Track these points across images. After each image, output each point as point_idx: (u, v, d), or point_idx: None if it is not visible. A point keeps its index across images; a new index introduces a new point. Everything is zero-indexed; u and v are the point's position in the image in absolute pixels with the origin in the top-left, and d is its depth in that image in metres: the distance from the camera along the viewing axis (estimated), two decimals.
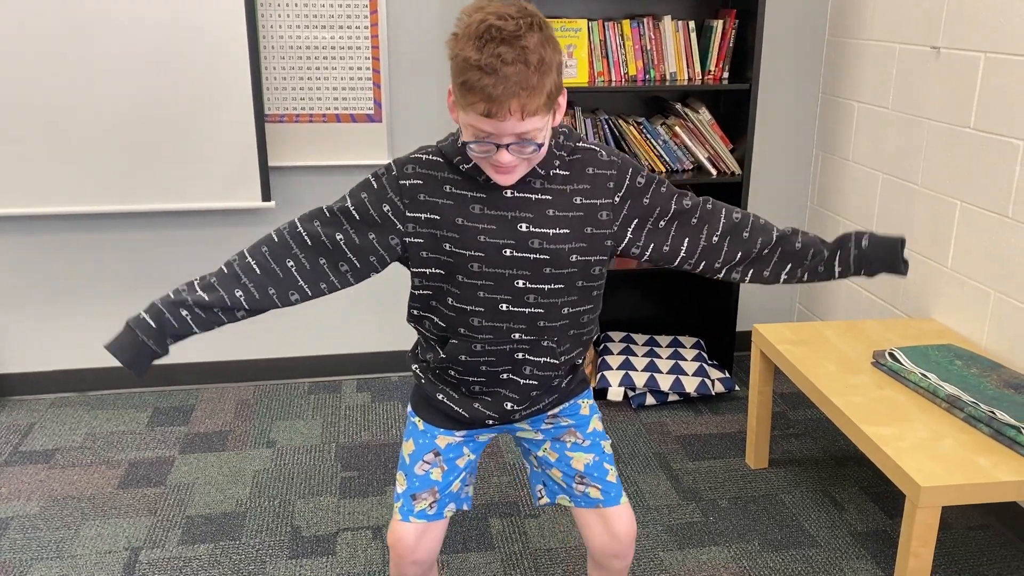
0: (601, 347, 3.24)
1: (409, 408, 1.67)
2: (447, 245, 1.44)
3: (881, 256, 1.55)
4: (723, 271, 1.56)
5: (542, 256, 1.44)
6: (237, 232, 3.05)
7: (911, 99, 2.71)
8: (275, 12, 2.86)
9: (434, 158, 1.46)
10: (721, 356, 3.24)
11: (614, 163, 1.49)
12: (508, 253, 1.43)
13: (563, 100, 1.39)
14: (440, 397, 1.59)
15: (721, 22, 2.94)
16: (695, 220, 1.53)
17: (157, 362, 3.29)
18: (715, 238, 1.53)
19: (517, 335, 1.49)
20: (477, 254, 1.43)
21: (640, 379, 3.03)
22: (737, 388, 3.17)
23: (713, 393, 3.06)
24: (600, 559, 1.70)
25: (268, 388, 3.22)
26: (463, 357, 1.51)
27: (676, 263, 1.55)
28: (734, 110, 3.06)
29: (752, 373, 2.62)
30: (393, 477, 2.62)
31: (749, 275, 1.57)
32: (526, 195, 1.43)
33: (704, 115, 3.05)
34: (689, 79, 3.00)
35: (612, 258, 1.54)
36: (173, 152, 2.86)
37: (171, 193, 2.91)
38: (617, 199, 1.48)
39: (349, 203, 1.47)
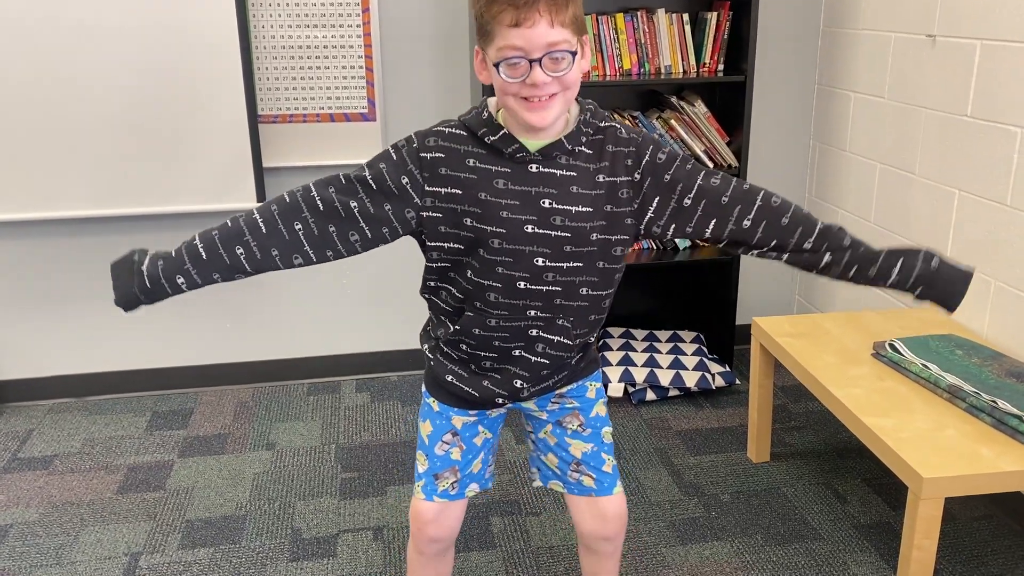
0: (600, 343, 3.23)
1: (423, 388, 1.66)
2: (468, 220, 1.41)
3: (945, 281, 1.46)
4: (755, 253, 1.50)
5: (563, 234, 1.42)
6: None
7: (907, 88, 2.70)
8: (266, 12, 2.85)
9: (457, 131, 1.44)
10: (721, 350, 3.23)
11: (633, 140, 1.46)
12: (530, 229, 1.41)
13: (587, 44, 1.40)
14: (449, 378, 1.57)
15: (715, 14, 2.93)
16: (726, 199, 1.46)
17: (156, 366, 3.27)
18: (747, 221, 1.47)
19: (533, 312, 1.47)
20: (499, 230, 1.41)
21: (640, 374, 3.02)
22: (738, 382, 3.15)
23: (713, 387, 3.05)
24: (589, 542, 1.71)
25: (267, 390, 3.21)
26: (476, 331, 1.49)
27: (705, 241, 1.51)
28: (730, 102, 3.04)
29: (752, 366, 2.60)
30: (394, 477, 2.61)
31: (785, 260, 1.50)
32: (552, 170, 1.41)
33: (700, 108, 3.04)
34: (684, 72, 2.98)
35: (634, 239, 1.51)
36: (167, 155, 2.85)
37: (165, 196, 2.89)
38: (637, 176, 1.45)
39: (367, 172, 1.44)
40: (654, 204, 1.47)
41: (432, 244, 1.47)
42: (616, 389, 3.01)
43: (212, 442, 2.83)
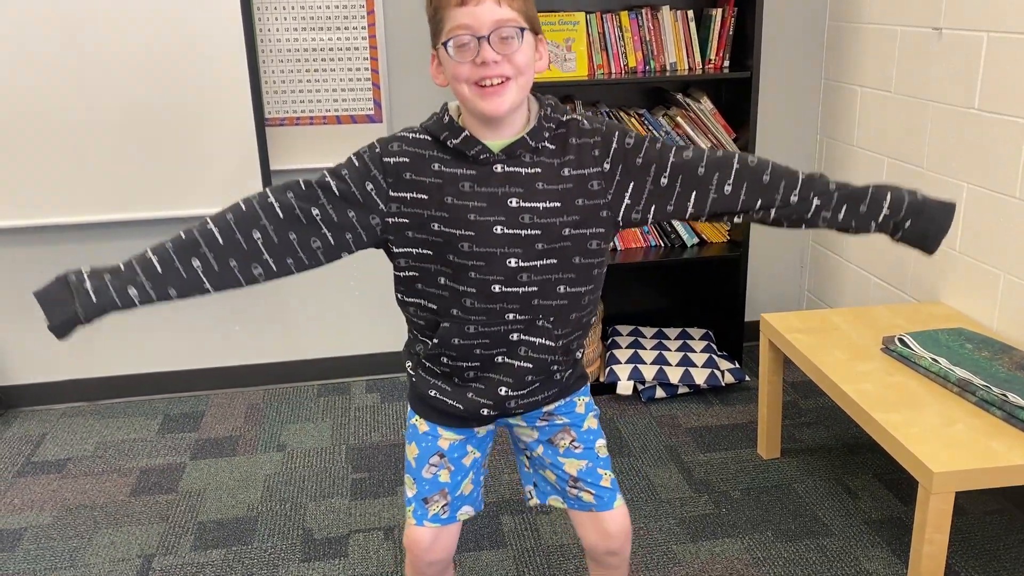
0: (609, 341, 3.23)
1: (409, 409, 1.64)
2: (436, 225, 1.39)
3: (932, 210, 1.45)
4: (742, 218, 1.47)
5: (533, 231, 1.39)
6: None
7: (914, 82, 2.69)
8: (272, 15, 2.86)
9: (421, 136, 1.43)
10: (730, 347, 3.23)
11: (598, 130, 1.44)
12: (499, 230, 1.39)
13: (544, 44, 1.40)
14: (433, 393, 1.54)
15: (720, 10, 2.92)
16: (702, 169, 1.43)
17: (167, 369, 3.28)
18: (727, 187, 1.43)
19: (511, 315, 1.44)
20: (468, 233, 1.39)
21: (649, 372, 3.02)
22: (747, 378, 3.15)
23: (723, 384, 3.05)
24: (596, 556, 1.68)
25: (277, 392, 3.22)
26: (456, 340, 1.46)
27: (687, 218, 1.47)
28: (736, 99, 3.04)
29: (761, 363, 2.60)
30: (403, 477, 2.61)
31: (774, 217, 1.47)
32: (516, 169, 1.39)
33: (706, 105, 3.03)
34: (689, 69, 2.98)
35: (613, 231, 1.47)
36: (174, 159, 2.86)
37: (174, 200, 2.91)
38: (607, 166, 1.42)
39: (329, 178, 1.40)
40: (630, 190, 1.43)
41: (399, 251, 1.44)
42: (626, 387, 3.01)
43: (223, 444, 2.85)
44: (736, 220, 1.48)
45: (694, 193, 1.43)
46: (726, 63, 2.99)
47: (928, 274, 2.69)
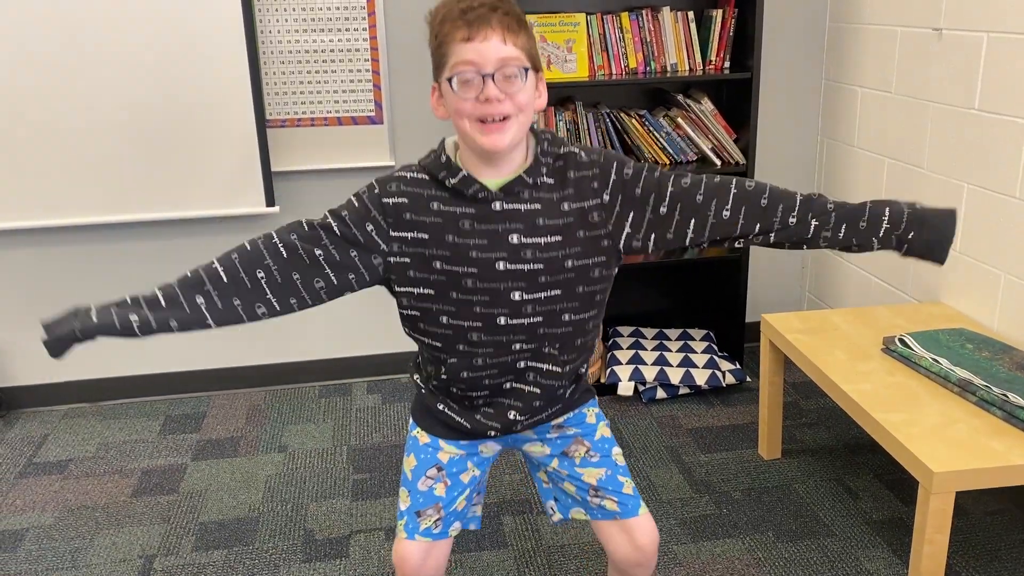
0: (610, 342, 3.23)
1: (411, 420, 1.63)
2: (438, 263, 1.40)
3: (934, 218, 1.43)
4: (742, 243, 1.47)
5: (536, 266, 1.41)
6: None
7: (914, 82, 2.69)
8: (273, 17, 2.86)
9: (419, 175, 1.43)
10: (731, 347, 3.23)
11: (595, 162, 1.44)
12: (502, 266, 1.40)
13: (543, 83, 1.41)
14: (441, 407, 1.55)
15: (720, 11, 2.92)
16: (700, 197, 1.44)
17: (169, 370, 3.29)
18: (726, 212, 1.44)
19: (518, 345, 1.45)
20: (470, 270, 1.40)
21: (650, 373, 3.02)
22: (748, 379, 3.15)
23: (724, 385, 3.05)
24: (623, 568, 1.64)
25: (279, 393, 3.23)
26: (465, 374, 1.48)
27: (687, 245, 1.46)
28: (737, 99, 3.04)
29: (762, 363, 2.60)
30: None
31: (775, 240, 1.46)
32: (515, 206, 1.40)
33: (707, 105, 3.04)
34: (690, 70, 2.98)
35: (617, 259, 1.48)
36: (176, 161, 2.87)
37: (175, 202, 2.91)
38: (607, 197, 1.44)
39: (331, 220, 1.43)
40: (630, 219, 1.44)
41: (402, 290, 1.45)
42: (627, 388, 3.01)
43: (225, 445, 2.85)
44: (737, 245, 1.48)
45: (693, 220, 1.44)
46: (727, 64, 2.99)
47: (929, 274, 2.69)
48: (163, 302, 1.38)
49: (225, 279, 1.40)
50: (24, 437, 2.95)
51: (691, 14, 2.95)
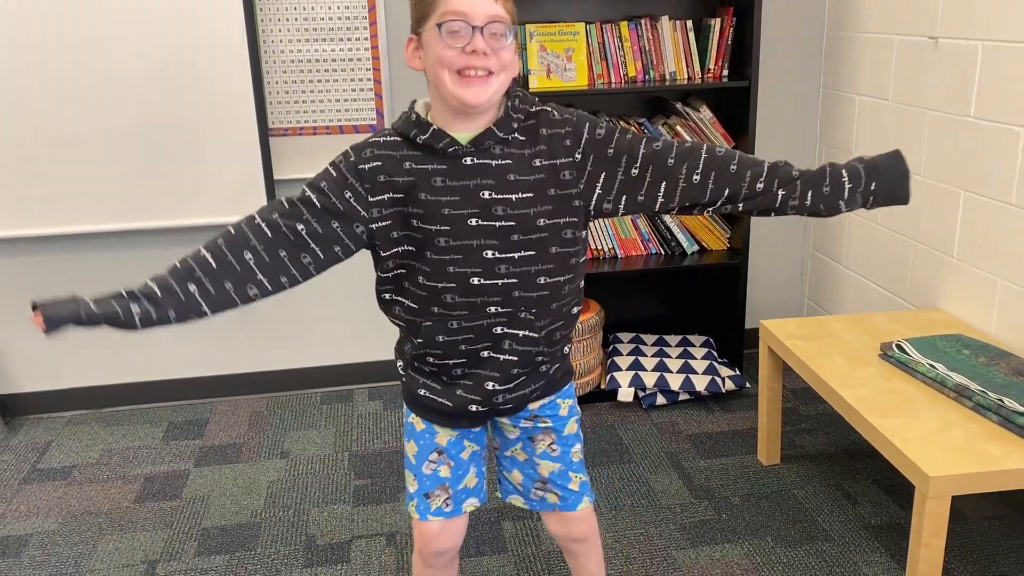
0: (610, 348, 3.25)
1: (405, 407, 1.66)
2: (414, 221, 1.42)
3: (888, 164, 1.45)
4: (711, 209, 1.49)
5: (508, 223, 1.42)
6: None
7: (911, 90, 2.71)
8: (275, 27, 2.89)
9: (391, 138, 1.46)
10: (731, 354, 3.24)
11: (568, 120, 1.46)
12: (474, 223, 1.41)
13: (517, 59, 1.45)
14: (423, 392, 1.56)
15: (719, 20, 2.95)
16: (671, 160, 1.45)
17: (171, 377, 3.30)
18: (696, 176, 1.45)
19: (492, 308, 1.46)
20: (443, 228, 1.41)
21: (650, 379, 3.04)
22: (748, 385, 3.16)
23: (724, 391, 3.06)
24: (563, 544, 1.76)
25: (281, 399, 3.24)
26: (440, 338, 1.48)
27: (657, 210, 1.48)
28: (735, 108, 3.06)
29: (761, 369, 2.62)
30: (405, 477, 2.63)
31: (742, 208, 1.48)
32: (486, 161, 1.42)
33: (705, 114, 3.06)
34: (689, 78, 3.00)
35: (587, 220, 1.50)
36: (179, 169, 2.89)
37: (178, 210, 2.94)
38: (579, 156, 1.45)
39: (310, 193, 1.44)
40: (601, 180, 1.46)
41: (387, 253, 1.47)
42: (627, 394, 3.03)
43: (227, 451, 2.87)
44: (708, 211, 1.50)
45: (664, 183, 1.46)
46: (725, 72, 3.02)
47: (926, 281, 2.70)
48: (159, 292, 1.39)
49: (215, 265, 1.41)
50: (28, 444, 2.97)
51: (690, 23, 2.97)
